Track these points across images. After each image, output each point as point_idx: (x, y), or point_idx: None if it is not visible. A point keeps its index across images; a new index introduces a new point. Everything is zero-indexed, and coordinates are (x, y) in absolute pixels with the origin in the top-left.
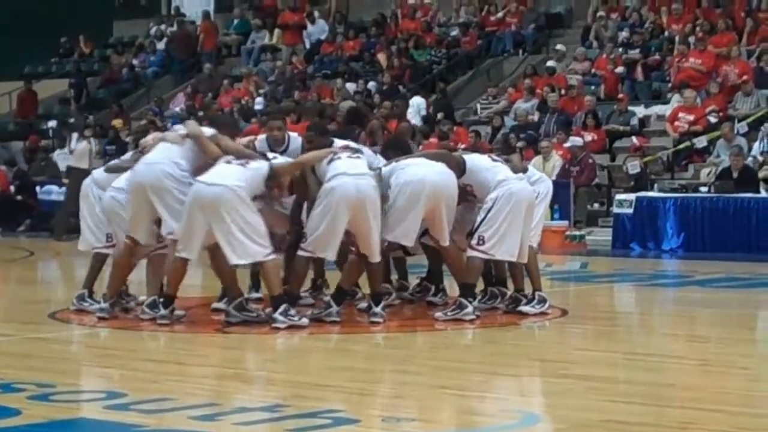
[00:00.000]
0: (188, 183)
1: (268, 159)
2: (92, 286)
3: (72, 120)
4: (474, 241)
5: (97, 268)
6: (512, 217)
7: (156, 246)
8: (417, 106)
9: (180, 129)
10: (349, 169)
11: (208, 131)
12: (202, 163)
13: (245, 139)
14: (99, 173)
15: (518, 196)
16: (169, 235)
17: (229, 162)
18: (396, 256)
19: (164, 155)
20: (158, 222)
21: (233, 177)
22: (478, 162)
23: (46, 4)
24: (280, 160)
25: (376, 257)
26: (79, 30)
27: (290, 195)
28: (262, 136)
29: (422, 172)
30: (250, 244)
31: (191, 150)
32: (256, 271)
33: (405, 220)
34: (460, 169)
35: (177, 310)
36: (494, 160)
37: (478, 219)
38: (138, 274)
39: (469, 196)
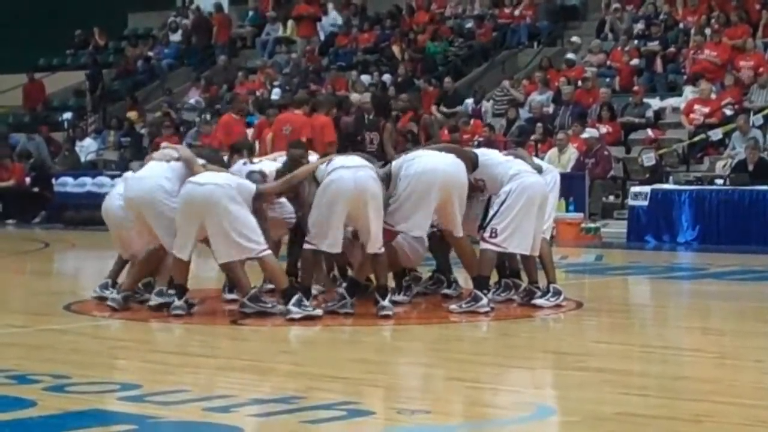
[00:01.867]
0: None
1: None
2: (116, 277)
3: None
4: (487, 234)
5: (123, 262)
6: (525, 210)
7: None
8: None
9: (169, 150)
10: (347, 162)
11: (199, 161)
12: None
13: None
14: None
15: (532, 190)
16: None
17: (218, 171)
18: None
19: (155, 171)
20: None
21: (223, 178)
22: (490, 156)
23: None
24: (265, 164)
25: (374, 248)
26: (94, 22)
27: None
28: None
29: (433, 163)
30: (242, 241)
31: (179, 170)
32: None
33: (417, 210)
34: (471, 163)
35: (190, 300)
36: (506, 154)
37: (492, 211)
38: None
39: (478, 191)
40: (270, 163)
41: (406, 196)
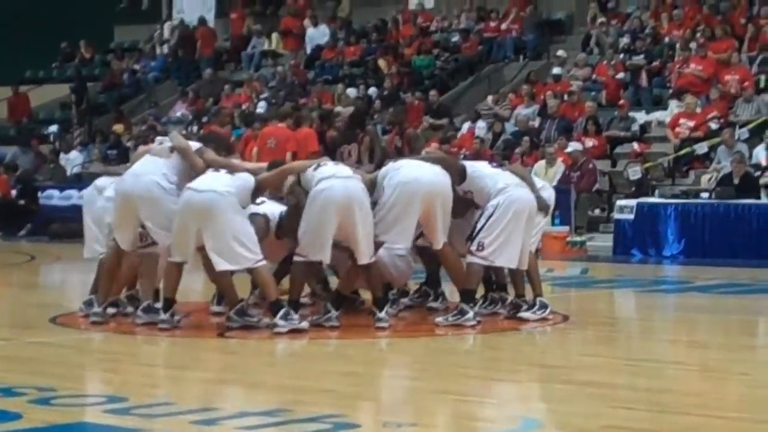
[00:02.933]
0: (176, 194)
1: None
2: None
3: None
4: (474, 247)
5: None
6: (513, 225)
7: (143, 244)
8: None
9: (165, 142)
10: (337, 172)
11: (194, 144)
12: (188, 176)
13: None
14: (101, 181)
15: (519, 203)
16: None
17: (217, 171)
18: None
19: (152, 167)
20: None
21: (223, 183)
22: (478, 168)
23: (47, 9)
24: (268, 206)
25: (364, 259)
26: (81, 35)
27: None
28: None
29: (417, 173)
30: (240, 250)
31: (178, 163)
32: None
33: (401, 221)
34: (460, 175)
35: (177, 314)
36: (494, 167)
37: (479, 225)
38: None
39: (472, 207)
40: (272, 205)
41: (390, 206)
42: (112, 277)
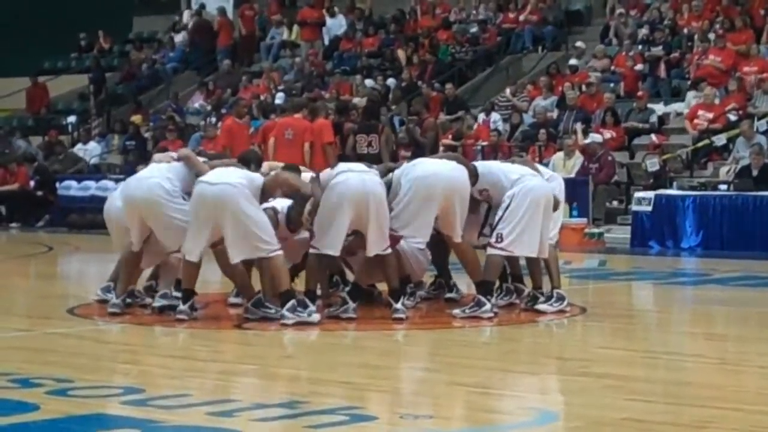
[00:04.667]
0: (181, 198)
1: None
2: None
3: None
4: (493, 239)
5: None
6: (530, 213)
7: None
8: None
9: (170, 153)
10: (354, 166)
11: (202, 159)
12: (191, 183)
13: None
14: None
15: (535, 192)
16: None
17: (227, 165)
18: None
19: (156, 171)
20: None
21: (235, 176)
22: (488, 164)
23: (65, 0)
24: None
25: (373, 251)
26: (99, 25)
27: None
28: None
29: (435, 168)
30: (256, 239)
31: (182, 170)
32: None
33: (420, 215)
34: (473, 174)
35: (195, 306)
36: (503, 161)
37: (496, 217)
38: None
39: (483, 202)
40: (282, 201)
41: (408, 201)
42: (132, 271)
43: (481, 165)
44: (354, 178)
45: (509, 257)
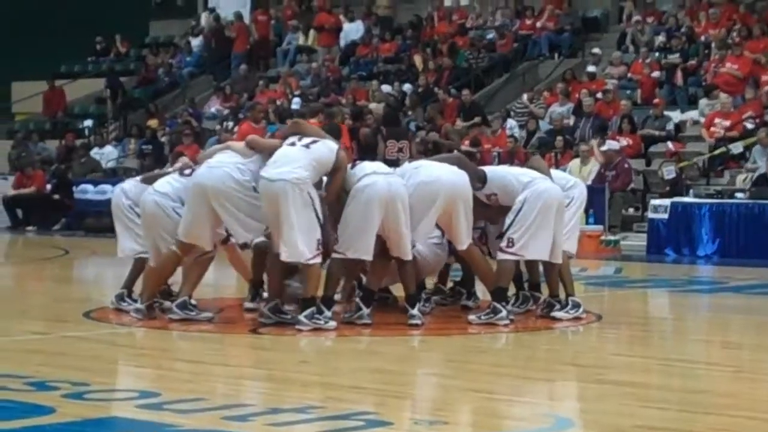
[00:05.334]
0: (252, 188)
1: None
2: (132, 286)
3: None
4: (504, 244)
5: (138, 270)
6: (542, 217)
7: (206, 251)
8: None
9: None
10: (379, 168)
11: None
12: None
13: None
14: (129, 184)
15: (547, 196)
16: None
17: (293, 144)
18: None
19: (228, 160)
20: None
21: (294, 165)
22: (498, 169)
23: (83, 4)
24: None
25: (407, 256)
26: (116, 29)
27: None
28: None
29: (437, 172)
30: (299, 244)
31: (255, 162)
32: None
33: (422, 220)
34: (480, 179)
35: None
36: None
37: (507, 221)
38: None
39: (502, 215)
40: None
41: (411, 206)
42: (163, 278)
43: (489, 169)
44: (381, 181)
45: (528, 263)
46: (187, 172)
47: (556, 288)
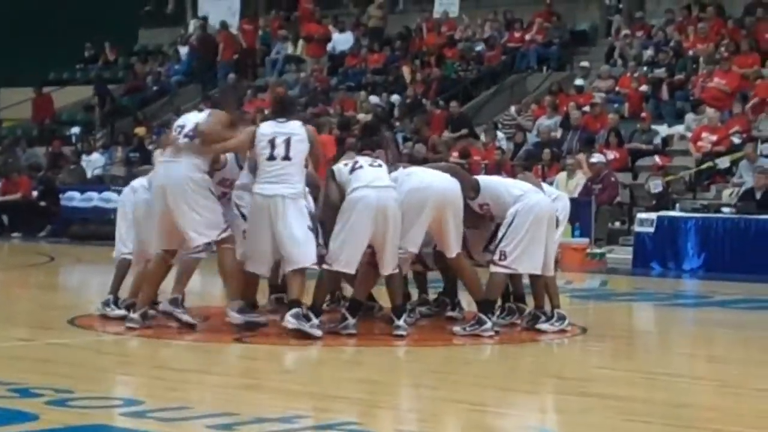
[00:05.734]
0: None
1: None
2: (117, 292)
3: None
4: (496, 257)
5: (122, 274)
6: (534, 230)
7: (192, 250)
8: None
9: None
10: (372, 181)
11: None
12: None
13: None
14: (137, 181)
15: (538, 209)
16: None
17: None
18: (416, 270)
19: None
20: None
21: (288, 180)
22: (491, 179)
23: (71, 11)
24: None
25: (387, 270)
26: (105, 37)
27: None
28: None
29: (428, 180)
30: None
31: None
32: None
33: (411, 227)
34: (473, 188)
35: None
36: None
37: (499, 234)
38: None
39: (486, 220)
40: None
41: (402, 212)
42: (156, 283)
43: (482, 179)
44: (371, 195)
45: (512, 276)
46: None
47: (541, 300)
